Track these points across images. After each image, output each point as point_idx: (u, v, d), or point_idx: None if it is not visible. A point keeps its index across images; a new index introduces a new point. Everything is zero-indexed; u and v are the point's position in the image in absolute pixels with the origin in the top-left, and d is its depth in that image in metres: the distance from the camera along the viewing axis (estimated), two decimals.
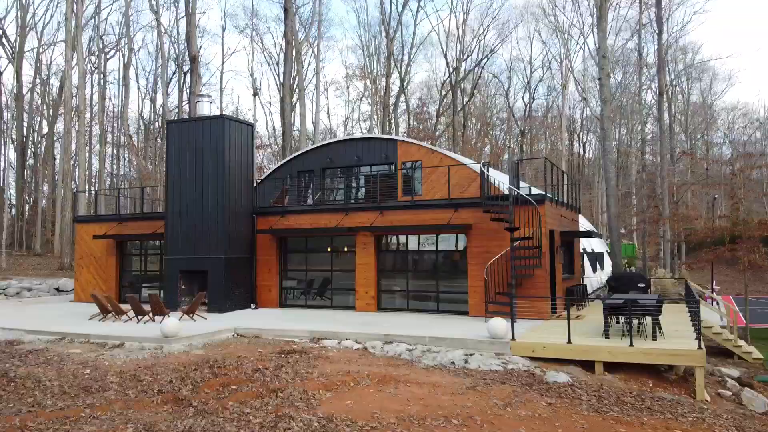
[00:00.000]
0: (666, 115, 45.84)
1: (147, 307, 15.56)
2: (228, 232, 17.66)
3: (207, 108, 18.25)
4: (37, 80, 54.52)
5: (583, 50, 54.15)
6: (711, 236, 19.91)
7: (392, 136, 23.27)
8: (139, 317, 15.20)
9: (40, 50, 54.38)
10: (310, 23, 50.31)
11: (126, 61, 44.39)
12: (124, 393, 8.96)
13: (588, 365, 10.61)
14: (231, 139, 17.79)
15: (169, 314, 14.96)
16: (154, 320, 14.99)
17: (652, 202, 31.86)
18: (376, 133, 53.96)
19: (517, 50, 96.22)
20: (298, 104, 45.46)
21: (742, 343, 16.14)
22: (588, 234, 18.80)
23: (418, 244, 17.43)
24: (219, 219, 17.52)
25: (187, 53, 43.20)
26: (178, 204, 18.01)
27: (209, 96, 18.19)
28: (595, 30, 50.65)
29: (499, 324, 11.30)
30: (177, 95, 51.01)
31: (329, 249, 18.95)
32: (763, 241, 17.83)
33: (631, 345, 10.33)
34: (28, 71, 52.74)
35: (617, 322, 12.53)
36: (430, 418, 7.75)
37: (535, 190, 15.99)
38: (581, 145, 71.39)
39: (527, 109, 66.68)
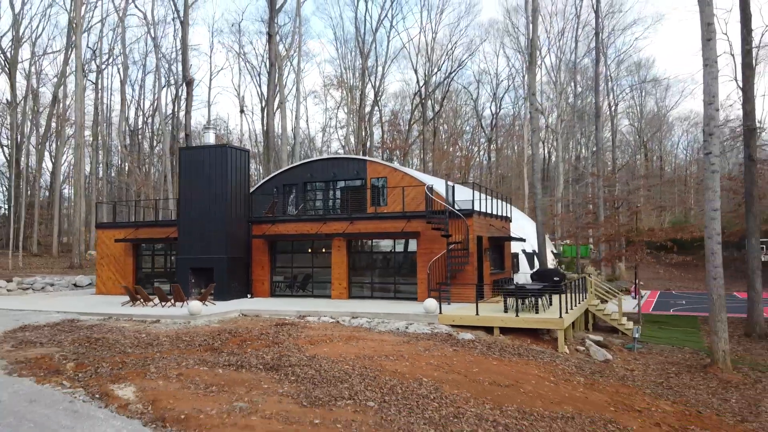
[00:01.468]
0: (613, 127, 51.49)
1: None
2: (229, 237, 22.12)
3: (212, 137, 22.72)
4: (30, 89, 57.81)
5: (540, 69, 59.52)
6: (612, 240, 24.85)
7: (363, 157, 27.96)
8: (163, 303, 19.61)
9: (35, 60, 57.77)
10: (290, 42, 54.70)
11: (122, 78, 48.20)
12: (176, 346, 13.46)
13: (489, 330, 15.42)
14: (232, 163, 22.27)
15: (187, 301, 19.41)
16: (175, 305, 19.41)
17: (588, 209, 36.92)
18: (352, 141, 58.70)
19: (485, 64, 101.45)
20: (279, 115, 49.88)
21: (627, 323, 21.09)
22: (512, 239, 23.73)
23: (390, 246, 22.15)
24: (222, 226, 21.96)
25: (175, 64, 47.45)
26: (189, 214, 22.40)
27: (214, 128, 22.70)
28: (551, 52, 56.03)
29: (431, 303, 16.07)
30: (164, 103, 55.09)
31: (310, 250, 23.51)
32: (649, 245, 22.86)
33: (517, 316, 15.18)
34: (20, 80, 55.99)
35: (523, 303, 17.35)
36: (376, 356, 12.44)
37: (488, 200, 20.76)
38: (547, 151, 76.89)
39: (494, 119, 71.97)
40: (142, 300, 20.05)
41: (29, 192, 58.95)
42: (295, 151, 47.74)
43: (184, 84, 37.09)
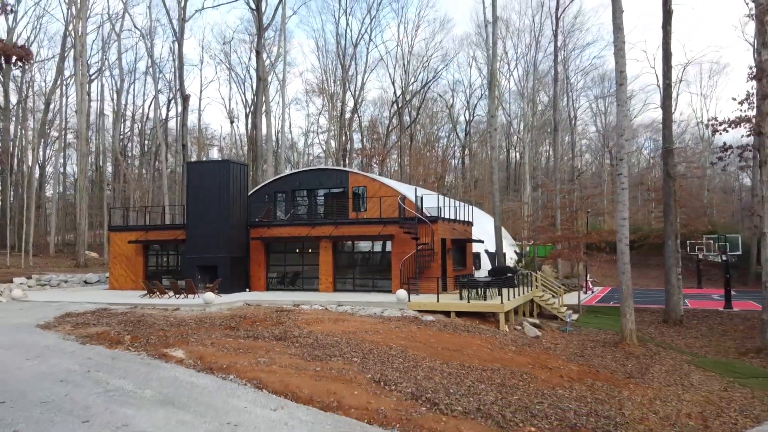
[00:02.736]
0: (573, 138, 56.16)
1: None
2: (230, 239, 25.80)
3: (216, 153, 26.45)
4: (22, 95, 60.33)
5: (509, 83, 64.06)
6: (558, 241, 29.02)
7: (345, 168, 31.87)
8: (178, 295, 23.25)
9: (29, 66, 60.28)
10: (275, 55, 58.15)
11: (119, 88, 51.30)
12: (202, 326, 17.20)
13: (448, 314, 19.46)
14: (233, 176, 25.97)
15: (198, 293, 23.08)
16: (187, 297, 23.06)
17: (547, 212, 41.25)
18: (333, 146, 62.45)
19: (459, 74, 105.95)
20: (264, 122, 53.24)
21: (566, 311, 25.30)
22: (472, 240, 27.88)
23: (369, 246, 26.08)
24: (224, 230, 25.63)
25: (168, 73, 50.64)
26: (196, 219, 26.01)
27: (218, 146, 26.30)
28: (519, 65, 60.40)
29: (402, 293, 20.06)
30: (155, 109, 58.20)
31: (297, 251, 27.29)
32: (587, 245, 27.14)
33: (468, 302, 19.25)
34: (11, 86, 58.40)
35: (477, 294, 21.42)
36: (358, 331, 16.36)
37: (447, 205, 24.78)
38: (518, 155, 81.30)
39: (468, 126, 76.25)
40: (157, 293, 23.65)
41: (23, 195, 61.54)
42: (279, 156, 51.28)
43: (180, 99, 40.49)
